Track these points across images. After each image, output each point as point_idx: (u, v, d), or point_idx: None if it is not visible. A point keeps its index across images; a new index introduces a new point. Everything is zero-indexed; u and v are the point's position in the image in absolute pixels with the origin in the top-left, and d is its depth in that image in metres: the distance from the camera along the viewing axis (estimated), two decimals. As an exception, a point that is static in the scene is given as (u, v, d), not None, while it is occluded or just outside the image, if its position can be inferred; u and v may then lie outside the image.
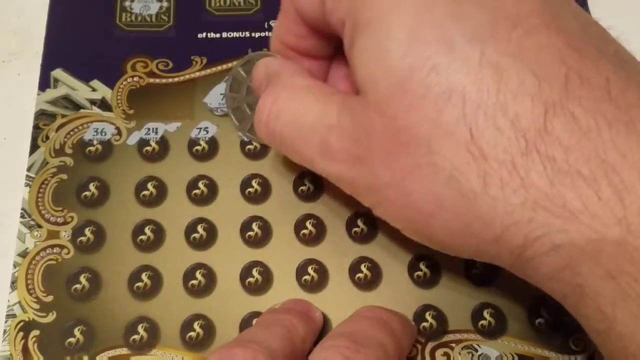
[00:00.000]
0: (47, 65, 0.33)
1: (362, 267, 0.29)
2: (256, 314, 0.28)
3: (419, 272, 0.29)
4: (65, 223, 0.29)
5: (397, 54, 0.20)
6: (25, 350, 0.27)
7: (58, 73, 0.32)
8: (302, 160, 0.25)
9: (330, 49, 0.27)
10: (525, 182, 0.19)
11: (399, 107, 0.20)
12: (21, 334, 0.27)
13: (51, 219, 0.29)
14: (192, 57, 0.33)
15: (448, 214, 0.21)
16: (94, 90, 0.32)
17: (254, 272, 0.29)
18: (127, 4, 0.34)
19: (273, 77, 0.26)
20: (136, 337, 0.27)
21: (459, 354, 0.27)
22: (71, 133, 0.31)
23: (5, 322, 0.27)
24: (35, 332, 0.27)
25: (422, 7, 0.20)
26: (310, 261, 0.29)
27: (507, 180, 0.19)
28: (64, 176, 0.30)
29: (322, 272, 0.29)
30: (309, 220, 0.30)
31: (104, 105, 0.32)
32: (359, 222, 0.29)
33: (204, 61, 0.33)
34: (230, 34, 0.34)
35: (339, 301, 0.28)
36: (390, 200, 0.22)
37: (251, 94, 0.30)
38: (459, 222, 0.20)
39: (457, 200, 0.20)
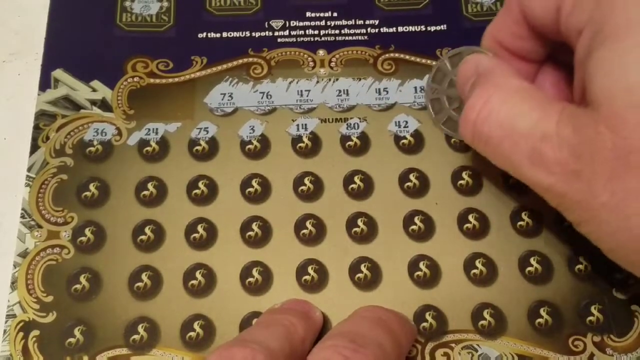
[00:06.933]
0: (48, 65, 0.33)
1: (362, 267, 0.29)
2: (256, 314, 0.28)
3: (419, 272, 0.29)
4: (65, 223, 0.29)
5: None
6: (25, 350, 0.27)
7: (58, 73, 0.32)
8: (507, 164, 0.24)
9: (544, 53, 0.26)
10: None
11: (635, 127, 0.20)
12: (21, 334, 0.27)
13: (51, 219, 0.29)
14: (192, 57, 0.33)
15: None
16: (94, 90, 0.32)
17: (254, 272, 0.29)
18: (127, 4, 0.34)
19: (484, 75, 0.25)
20: (136, 337, 0.27)
21: (459, 354, 0.27)
22: (71, 133, 0.31)
23: (6, 322, 0.27)
24: (35, 332, 0.27)
25: None
26: (310, 261, 0.29)
27: None
28: (64, 176, 0.30)
29: (322, 272, 0.29)
30: (309, 220, 0.30)
31: (104, 105, 0.32)
32: (359, 222, 0.29)
33: (204, 61, 0.33)
34: (230, 34, 0.34)
35: (339, 301, 0.28)
36: (603, 220, 0.21)
37: (453, 87, 0.30)
38: None
39: None
